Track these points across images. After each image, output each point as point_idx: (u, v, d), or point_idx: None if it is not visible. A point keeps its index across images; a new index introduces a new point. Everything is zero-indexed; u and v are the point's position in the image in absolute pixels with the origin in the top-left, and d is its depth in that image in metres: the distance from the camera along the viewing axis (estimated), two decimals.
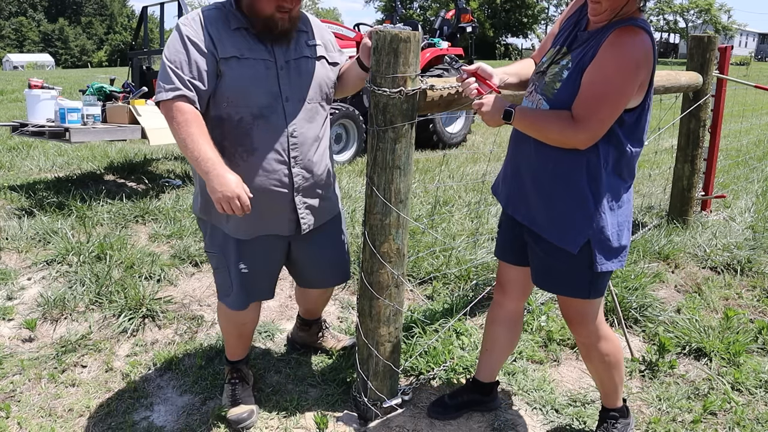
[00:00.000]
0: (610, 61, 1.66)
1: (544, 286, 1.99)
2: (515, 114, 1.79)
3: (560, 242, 1.85)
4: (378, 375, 2.26)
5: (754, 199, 5.15)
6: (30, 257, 3.65)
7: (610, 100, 1.67)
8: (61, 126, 4.67)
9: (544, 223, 1.89)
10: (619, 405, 2.19)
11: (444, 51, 8.03)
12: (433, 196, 5.19)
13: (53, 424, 2.28)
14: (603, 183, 1.80)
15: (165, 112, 1.86)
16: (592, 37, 1.77)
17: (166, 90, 1.83)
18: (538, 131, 1.79)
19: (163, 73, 1.85)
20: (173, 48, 1.86)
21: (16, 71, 40.97)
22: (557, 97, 1.78)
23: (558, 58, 1.84)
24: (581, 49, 1.78)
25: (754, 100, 12.14)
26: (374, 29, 1.97)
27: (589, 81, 1.70)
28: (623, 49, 1.66)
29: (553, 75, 1.82)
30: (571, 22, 1.91)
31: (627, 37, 1.67)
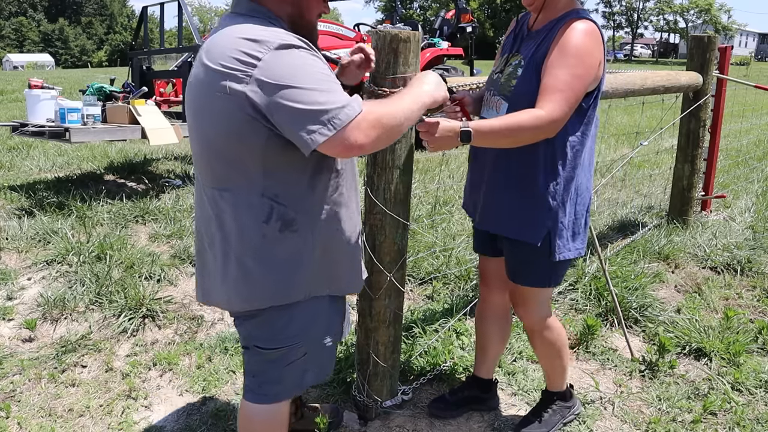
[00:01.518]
0: (567, 46, 1.73)
1: (514, 279, 2.05)
2: (473, 132, 1.69)
3: (522, 237, 1.91)
4: (378, 375, 2.26)
5: (754, 199, 5.15)
6: (30, 257, 3.65)
7: (575, 85, 1.72)
8: (61, 126, 4.66)
9: (506, 222, 1.95)
10: (558, 389, 2.26)
11: (444, 51, 8.03)
12: (433, 196, 5.19)
13: (53, 424, 2.28)
14: (561, 176, 1.86)
15: (366, 132, 1.33)
16: (539, 34, 1.84)
17: (347, 105, 1.32)
18: (509, 136, 1.71)
19: (321, 99, 1.30)
20: (311, 67, 1.34)
21: (16, 71, 40.99)
22: (515, 93, 1.83)
23: (510, 61, 1.91)
24: (530, 45, 1.85)
25: (754, 100, 12.14)
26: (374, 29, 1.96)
27: (550, 68, 1.73)
28: (576, 34, 1.73)
29: (507, 75, 1.88)
30: (512, 34, 2.00)
31: (577, 24, 1.75)
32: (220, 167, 1.42)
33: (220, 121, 1.36)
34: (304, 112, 1.29)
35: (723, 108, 4.48)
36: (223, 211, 1.44)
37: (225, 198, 1.43)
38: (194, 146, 1.47)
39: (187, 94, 1.46)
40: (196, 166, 1.50)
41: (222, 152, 1.39)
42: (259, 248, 1.44)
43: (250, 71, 1.30)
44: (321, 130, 1.29)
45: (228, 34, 1.37)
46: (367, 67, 1.83)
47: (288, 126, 1.31)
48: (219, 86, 1.33)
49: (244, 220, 1.42)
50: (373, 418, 2.29)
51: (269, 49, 1.30)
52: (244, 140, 1.36)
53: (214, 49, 1.37)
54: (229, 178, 1.41)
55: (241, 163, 1.38)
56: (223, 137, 1.37)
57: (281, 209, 1.43)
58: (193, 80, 1.43)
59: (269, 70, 1.30)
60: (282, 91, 1.29)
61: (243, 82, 1.31)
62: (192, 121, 1.45)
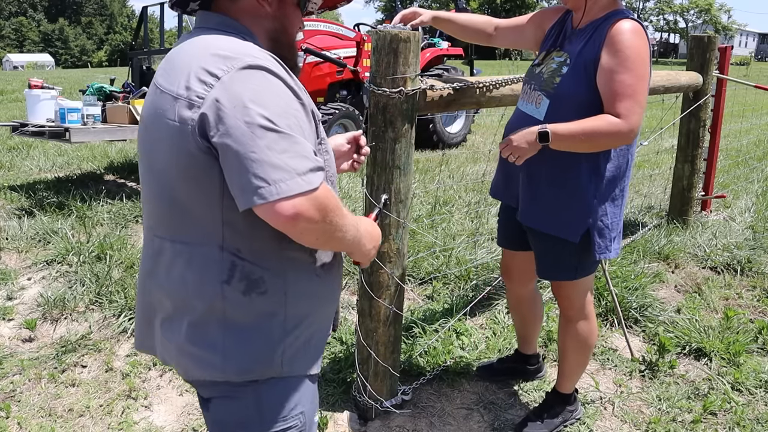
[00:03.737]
0: (624, 49, 1.74)
1: (544, 275, 2.09)
2: (551, 134, 1.77)
3: (562, 234, 1.93)
4: (378, 375, 2.26)
5: (754, 199, 5.15)
6: (30, 257, 3.65)
7: (642, 88, 1.76)
8: (61, 126, 4.67)
9: (543, 218, 1.96)
10: (567, 391, 2.27)
11: (444, 51, 8.02)
12: (433, 196, 5.19)
13: (53, 424, 2.28)
14: (604, 175, 1.89)
15: (308, 211, 1.02)
16: (585, 33, 1.87)
17: (305, 173, 1.02)
18: (586, 141, 1.76)
19: (279, 148, 1.00)
20: (282, 101, 1.06)
21: (16, 71, 40.99)
22: (558, 91, 1.86)
23: (552, 56, 1.94)
24: (576, 44, 1.87)
25: (754, 100, 12.14)
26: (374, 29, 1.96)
27: (612, 74, 1.75)
28: (629, 35, 1.75)
29: (551, 72, 1.90)
30: (555, 29, 2.01)
31: (624, 24, 1.77)
32: (171, 213, 1.13)
33: (170, 156, 1.07)
34: (255, 161, 0.99)
35: (723, 108, 4.48)
36: (176, 265, 1.14)
37: (178, 250, 1.14)
38: (144, 188, 1.19)
39: (139, 130, 1.18)
40: (145, 211, 1.22)
41: (173, 194, 1.10)
42: (220, 311, 1.13)
43: (204, 93, 1.02)
44: (264, 190, 0.99)
45: (186, 50, 1.11)
46: (358, 160, 1.54)
47: (227, 169, 1.02)
48: (170, 112, 1.06)
49: (201, 278, 1.12)
50: (373, 418, 2.29)
51: (233, 68, 1.03)
52: (198, 180, 1.07)
53: (168, 69, 1.11)
54: (183, 226, 1.12)
55: (196, 208, 1.10)
56: (174, 176, 1.08)
57: (245, 266, 1.12)
58: (145, 111, 1.16)
59: (227, 93, 1.01)
60: (236, 123, 0.99)
61: (194, 107, 1.03)
62: (142, 159, 1.17)
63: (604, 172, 1.88)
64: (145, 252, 1.25)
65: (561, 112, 1.84)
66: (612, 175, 1.90)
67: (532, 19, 2.12)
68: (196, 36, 1.15)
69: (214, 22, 1.18)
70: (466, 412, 2.37)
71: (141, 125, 1.18)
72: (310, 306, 1.21)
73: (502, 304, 3.18)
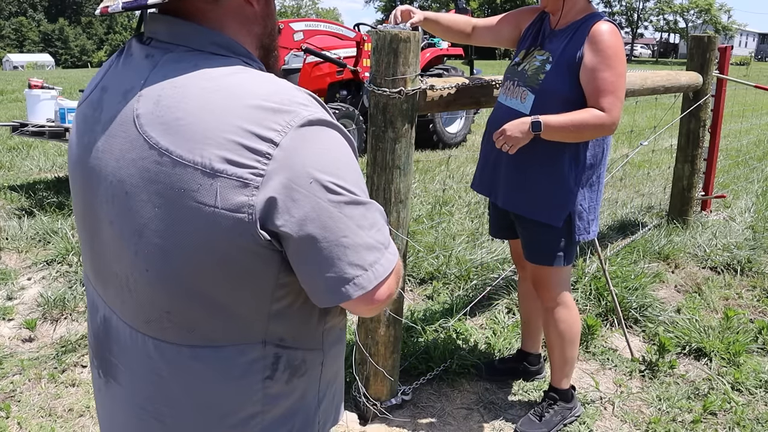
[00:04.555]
0: (605, 49, 1.91)
1: (531, 259, 2.16)
2: (543, 124, 1.90)
3: (544, 218, 2.05)
4: (378, 375, 2.26)
5: (754, 199, 5.15)
6: (30, 257, 3.65)
7: (621, 84, 1.93)
8: (61, 126, 4.67)
9: (528, 205, 2.07)
10: (564, 387, 2.29)
11: (444, 51, 8.03)
12: (433, 196, 5.19)
13: (53, 424, 2.28)
14: (583, 162, 2.03)
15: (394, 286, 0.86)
16: (565, 33, 2.00)
17: (389, 244, 0.85)
18: (574, 131, 1.92)
19: (368, 224, 0.81)
20: (352, 162, 0.83)
21: (16, 71, 41.00)
22: (543, 87, 1.98)
23: (533, 55, 2.06)
24: (557, 43, 2.00)
25: (754, 100, 12.14)
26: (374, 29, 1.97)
27: (595, 72, 1.91)
28: (608, 36, 1.92)
29: (534, 69, 2.02)
30: (533, 28, 2.13)
31: (603, 26, 1.93)
32: (195, 315, 0.83)
33: (202, 251, 0.77)
34: (349, 247, 0.78)
35: (723, 108, 4.48)
36: (199, 378, 0.86)
37: (203, 359, 0.85)
38: (136, 277, 0.82)
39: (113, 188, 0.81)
40: (128, 305, 0.86)
41: (198, 291, 0.80)
42: (258, 416, 0.90)
43: (263, 167, 0.74)
44: (361, 278, 0.79)
45: (196, 96, 0.77)
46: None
47: (306, 262, 0.79)
48: (201, 193, 0.74)
49: (238, 385, 0.87)
50: (373, 419, 2.29)
51: (290, 127, 0.75)
52: (247, 278, 0.80)
53: (173, 123, 0.76)
54: (213, 331, 0.84)
55: (237, 307, 0.83)
56: (207, 274, 0.79)
57: (289, 354, 0.89)
58: (116, 169, 0.80)
59: (295, 165, 0.75)
60: (317, 204, 0.76)
61: (250, 186, 0.74)
62: (131, 238, 0.80)
63: (584, 160, 2.03)
64: (130, 363, 0.88)
65: (546, 106, 1.96)
66: (590, 162, 2.04)
67: (508, 19, 2.24)
68: (189, 66, 0.80)
69: (203, 40, 0.83)
70: (466, 412, 2.37)
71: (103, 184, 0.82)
72: (339, 362, 1.03)
73: (502, 304, 3.18)
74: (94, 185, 0.84)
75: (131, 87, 0.81)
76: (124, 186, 0.79)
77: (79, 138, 0.88)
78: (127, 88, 0.82)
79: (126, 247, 0.81)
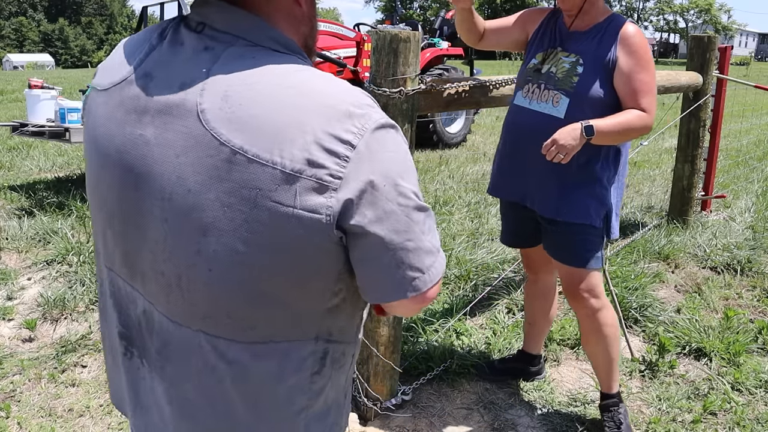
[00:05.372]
0: (638, 50, 1.93)
1: (571, 262, 2.11)
2: (595, 129, 1.87)
3: (589, 220, 2.04)
4: (378, 375, 2.26)
5: (754, 199, 5.15)
6: (30, 257, 3.65)
7: (655, 84, 1.97)
8: (61, 126, 4.67)
9: (570, 208, 2.04)
10: (616, 390, 2.26)
11: (444, 51, 8.03)
12: (433, 196, 5.19)
13: (53, 424, 2.28)
14: (612, 162, 2.06)
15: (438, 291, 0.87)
16: (590, 35, 1.99)
17: (440, 248, 0.86)
18: (622, 134, 1.92)
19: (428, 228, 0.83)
20: (413, 167, 0.84)
21: (16, 71, 40.99)
22: (578, 90, 1.96)
23: (558, 57, 2.03)
24: (584, 45, 1.99)
25: (754, 100, 12.14)
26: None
27: (632, 73, 1.93)
28: (639, 37, 1.95)
29: (564, 71, 1.99)
30: (546, 29, 2.11)
31: (631, 27, 1.96)
32: (256, 313, 0.82)
33: (274, 251, 0.76)
34: (412, 250, 0.80)
35: (723, 108, 4.48)
36: (253, 373, 0.85)
37: (259, 356, 0.84)
38: (193, 276, 0.80)
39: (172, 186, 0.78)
40: (177, 303, 0.83)
41: (266, 293, 0.80)
42: (304, 411, 0.90)
43: (342, 170, 0.74)
44: (419, 280, 0.81)
45: (271, 93, 0.75)
46: None
47: (369, 260, 0.79)
48: (279, 194, 0.74)
49: (288, 381, 0.87)
50: (373, 418, 2.29)
51: (365, 130, 0.76)
52: (315, 277, 0.81)
53: (245, 118, 0.74)
54: (272, 327, 0.83)
55: (299, 303, 0.83)
56: (275, 273, 0.78)
57: (334, 348, 0.90)
58: (197, 169, 0.76)
59: (373, 168, 0.76)
60: (390, 208, 0.77)
61: (329, 188, 0.74)
62: (193, 237, 0.78)
63: (613, 158, 2.05)
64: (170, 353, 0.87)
65: (581, 109, 1.95)
66: (618, 162, 2.08)
67: (514, 22, 2.20)
68: (257, 61, 0.78)
69: (264, 35, 0.82)
70: (466, 412, 2.37)
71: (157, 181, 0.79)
72: (357, 348, 1.02)
73: (502, 304, 3.18)
74: (141, 180, 0.80)
75: (190, 79, 0.78)
76: (185, 183, 0.76)
77: (119, 127, 0.82)
78: (184, 80, 0.78)
79: (183, 246, 0.79)
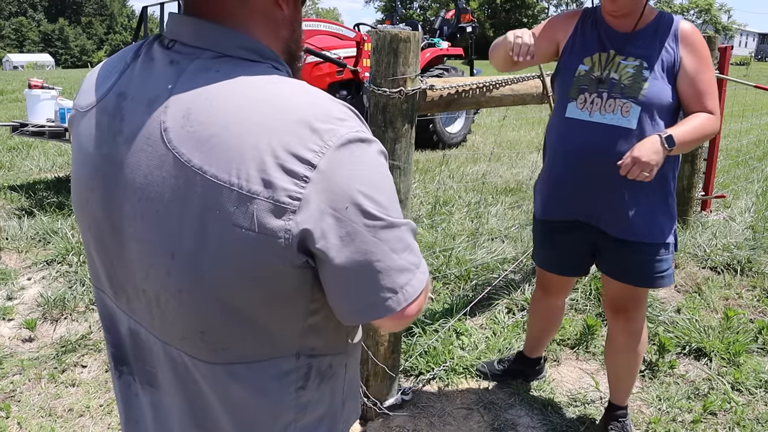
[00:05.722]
0: (703, 52, 1.84)
1: (644, 284, 2.00)
2: (675, 138, 1.74)
3: (661, 239, 1.93)
4: (378, 375, 2.26)
5: (754, 199, 5.15)
6: (30, 257, 3.65)
7: (714, 78, 1.88)
8: (61, 126, 4.67)
9: (649, 227, 1.92)
10: (626, 403, 2.26)
11: (444, 51, 8.03)
12: (433, 196, 5.19)
13: (53, 424, 2.28)
14: (676, 172, 1.98)
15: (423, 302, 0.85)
16: (644, 36, 1.85)
17: (420, 264, 0.83)
18: (697, 141, 1.80)
19: (401, 246, 0.79)
20: (388, 182, 0.80)
21: (16, 71, 40.99)
22: (648, 96, 1.81)
23: (616, 61, 1.85)
24: (643, 48, 1.84)
25: (754, 100, 12.14)
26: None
27: (697, 73, 1.82)
28: (701, 38, 1.86)
29: (630, 78, 1.83)
30: (585, 32, 1.93)
31: (686, 24, 1.86)
32: (230, 334, 0.81)
33: (237, 273, 0.75)
34: (382, 271, 0.77)
35: (723, 108, 4.48)
36: (234, 392, 0.85)
37: (238, 376, 0.84)
38: (167, 297, 0.80)
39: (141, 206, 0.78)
40: (158, 322, 0.84)
41: (237, 314, 0.79)
42: (291, 425, 0.90)
43: (301, 191, 0.71)
44: (391, 301, 0.79)
45: (232, 106, 0.73)
46: None
47: (338, 284, 0.78)
48: (237, 215, 0.72)
49: (270, 398, 0.86)
50: (373, 418, 2.29)
51: (328, 147, 0.73)
52: (282, 297, 0.79)
53: (204, 136, 0.72)
54: (247, 348, 0.83)
55: (272, 323, 0.82)
56: (243, 295, 0.77)
57: (319, 361, 0.90)
58: (161, 189, 0.75)
59: (334, 191, 0.73)
60: (354, 230, 0.74)
61: (287, 211, 0.71)
62: (163, 258, 0.77)
63: (676, 168, 1.96)
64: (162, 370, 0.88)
65: (651, 118, 1.81)
66: (677, 172, 2.00)
67: (543, 35, 2.01)
68: (220, 74, 0.76)
69: (232, 44, 0.80)
70: (466, 412, 2.37)
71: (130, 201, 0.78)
72: (359, 357, 1.03)
73: (502, 304, 3.18)
74: (118, 201, 0.80)
75: (156, 96, 0.77)
76: (153, 205, 0.76)
77: (97, 148, 0.83)
78: (151, 98, 0.78)
79: (156, 266, 0.78)
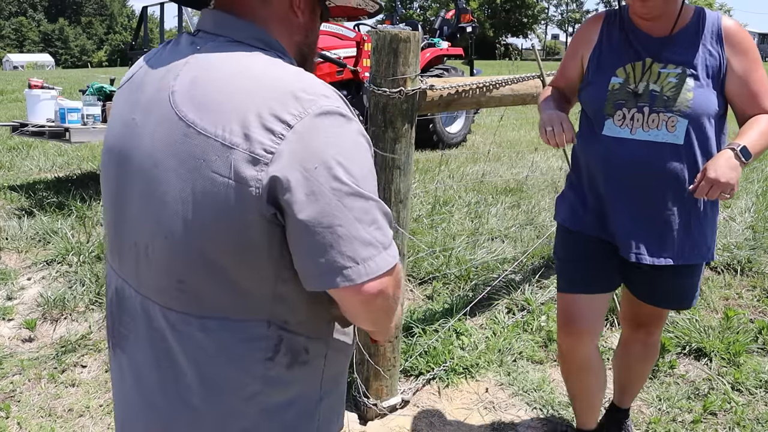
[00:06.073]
0: (751, 51, 1.69)
1: (675, 306, 1.96)
2: (749, 148, 1.59)
3: (706, 258, 1.80)
4: (378, 375, 2.26)
5: (754, 199, 5.15)
6: (30, 257, 3.65)
7: (766, 75, 1.71)
8: (61, 126, 4.67)
9: (689, 249, 1.76)
10: (629, 405, 2.25)
11: (444, 51, 8.03)
12: (433, 196, 5.19)
13: (53, 424, 2.28)
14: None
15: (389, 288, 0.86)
16: (683, 38, 1.69)
17: (389, 246, 0.85)
18: (763, 150, 1.65)
19: (368, 219, 0.82)
20: (364, 158, 0.86)
21: (16, 71, 40.96)
22: (695, 107, 1.66)
23: (654, 71, 1.70)
24: (688, 53, 1.68)
25: None
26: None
27: (749, 72, 1.67)
28: (747, 35, 1.70)
29: (673, 88, 1.67)
30: (611, 38, 1.77)
31: (736, 23, 1.70)
32: (206, 285, 0.86)
33: (211, 216, 0.81)
34: (343, 237, 0.80)
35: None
36: (204, 349, 0.89)
37: (209, 331, 0.88)
38: (156, 245, 0.88)
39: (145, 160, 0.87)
40: (143, 274, 0.91)
41: (209, 260, 0.84)
42: (257, 396, 0.92)
43: (274, 146, 0.79)
44: (351, 270, 0.81)
45: (228, 76, 0.83)
46: None
47: (300, 243, 0.82)
48: (217, 164, 0.80)
49: (238, 361, 0.90)
50: (373, 419, 2.29)
51: (307, 113, 0.80)
52: (252, 251, 0.84)
53: (202, 99, 0.82)
54: (221, 300, 0.87)
55: (243, 281, 0.86)
56: (216, 240, 0.83)
57: (291, 338, 0.92)
58: (150, 139, 0.86)
59: (305, 149, 0.79)
60: (320, 189, 0.79)
61: (260, 162, 0.79)
62: (156, 206, 0.86)
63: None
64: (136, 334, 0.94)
65: (700, 130, 1.67)
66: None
67: (571, 59, 1.87)
68: (228, 53, 0.86)
69: (246, 34, 0.90)
70: (466, 412, 2.37)
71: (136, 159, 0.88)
72: (345, 361, 1.05)
73: (502, 304, 3.18)
74: (128, 161, 0.90)
75: (172, 68, 0.88)
76: (153, 158, 0.85)
77: (121, 118, 0.94)
78: (168, 69, 0.88)
79: (151, 214, 0.86)
